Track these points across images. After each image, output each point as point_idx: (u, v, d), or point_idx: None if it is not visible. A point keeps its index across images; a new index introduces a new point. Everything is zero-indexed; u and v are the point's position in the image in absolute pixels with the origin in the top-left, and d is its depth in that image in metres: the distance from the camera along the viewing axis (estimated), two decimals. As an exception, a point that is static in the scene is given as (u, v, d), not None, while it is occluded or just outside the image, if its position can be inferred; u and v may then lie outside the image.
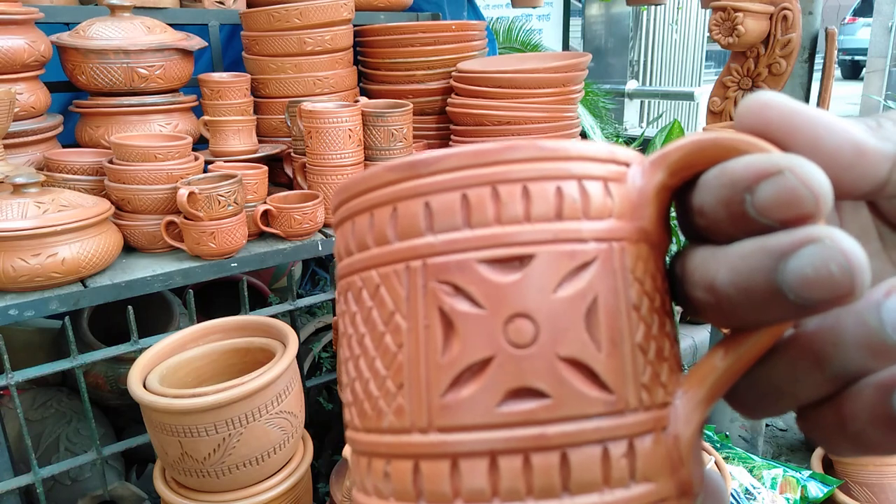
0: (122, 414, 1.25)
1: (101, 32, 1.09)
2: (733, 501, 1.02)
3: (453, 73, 1.30)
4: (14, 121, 1.01)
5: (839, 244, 0.14)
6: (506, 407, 0.16)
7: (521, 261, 0.16)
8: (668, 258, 0.19)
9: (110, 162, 1.02)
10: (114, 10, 1.11)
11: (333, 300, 1.06)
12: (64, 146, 1.15)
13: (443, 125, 1.37)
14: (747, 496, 1.06)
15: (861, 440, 0.16)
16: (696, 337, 2.08)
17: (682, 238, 0.19)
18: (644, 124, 3.90)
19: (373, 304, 0.17)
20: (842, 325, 0.15)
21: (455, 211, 0.16)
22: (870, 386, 0.15)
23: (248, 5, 1.27)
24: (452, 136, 1.32)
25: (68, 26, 1.15)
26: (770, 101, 0.17)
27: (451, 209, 0.16)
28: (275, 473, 0.90)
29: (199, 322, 0.97)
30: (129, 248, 1.03)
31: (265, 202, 1.08)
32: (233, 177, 1.01)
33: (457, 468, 0.16)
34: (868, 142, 0.16)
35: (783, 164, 0.15)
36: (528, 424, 0.16)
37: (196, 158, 1.06)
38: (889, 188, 0.17)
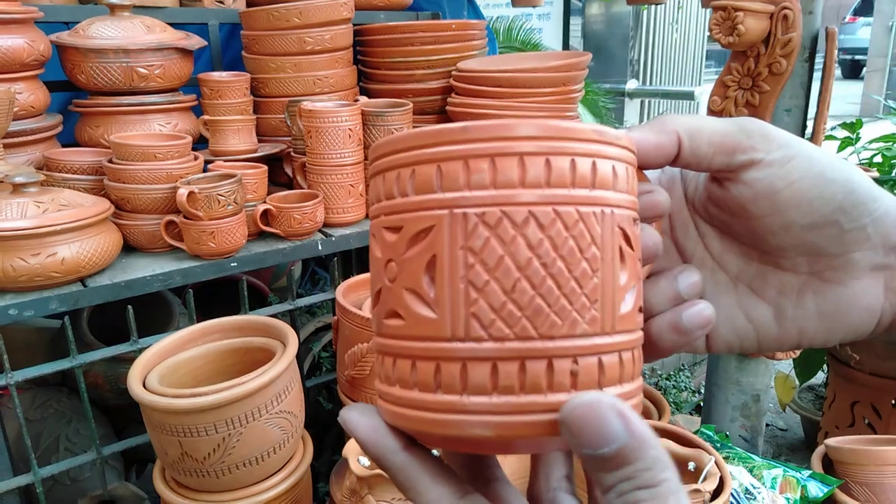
0: (121, 414, 1.25)
1: (100, 32, 1.09)
2: (733, 501, 1.01)
3: (453, 73, 1.30)
4: (13, 120, 1.01)
5: None
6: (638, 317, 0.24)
7: (637, 220, 0.24)
8: None
9: (110, 161, 1.02)
10: (113, 9, 1.11)
11: (333, 300, 1.05)
12: (63, 146, 1.15)
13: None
14: (747, 496, 1.05)
15: (661, 343, 0.26)
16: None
17: None
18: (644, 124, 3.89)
19: (569, 234, 0.22)
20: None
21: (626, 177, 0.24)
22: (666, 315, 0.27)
23: (248, 4, 1.27)
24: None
25: (68, 25, 1.15)
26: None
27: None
28: (274, 473, 0.90)
29: (198, 322, 0.97)
30: (129, 248, 1.03)
31: (265, 202, 1.08)
32: (232, 176, 1.00)
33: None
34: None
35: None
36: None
37: (196, 158, 1.06)
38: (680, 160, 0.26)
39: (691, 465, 0.90)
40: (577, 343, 0.21)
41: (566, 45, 2.57)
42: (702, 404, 1.72)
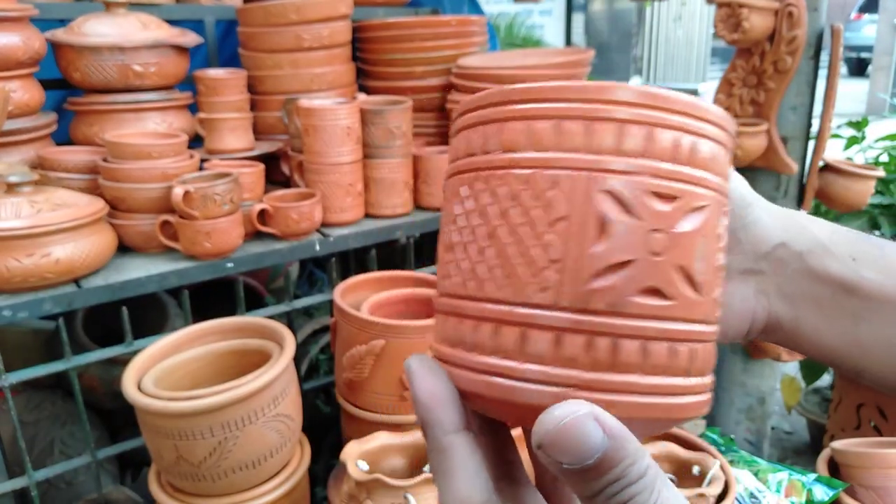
0: (117, 416, 1.24)
1: (95, 29, 1.08)
2: (738, 505, 1.00)
3: (453, 70, 1.28)
4: (8, 119, 1.00)
5: None
6: (638, 299, 0.20)
7: (672, 197, 0.21)
8: None
9: (105, 160, 1.01)
10: (109, 6, 1.10)
11: (331, 301, 1.04)
12: (58, 144, 1.14)
13: (442, 122, 1.35)
14: (752, 500, 1.04)
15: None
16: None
17: None
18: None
19: (555, 194, 0.21)
20: None
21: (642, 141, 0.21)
22: None
23: (245, 0, 1.25)
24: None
25: (63, 23, 1.13)
26: None
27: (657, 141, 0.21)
28: (272, 477, 0.89)
29: (194, 323, 0.96)
30: (124, 248, 1.02)
31: (261, 201, 1.07)
32: (229, 175, 0.99)
33: (593, 345, 0.20)
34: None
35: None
36: (655, 318, 0.21)
37: (191, 156, 1.05)
38: None
39: (696, 469, 0.89)
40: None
41: (568, 42, 2.56)
42: (705, 406, 1.71)
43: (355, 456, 0.87)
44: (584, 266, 0.20)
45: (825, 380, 1.76)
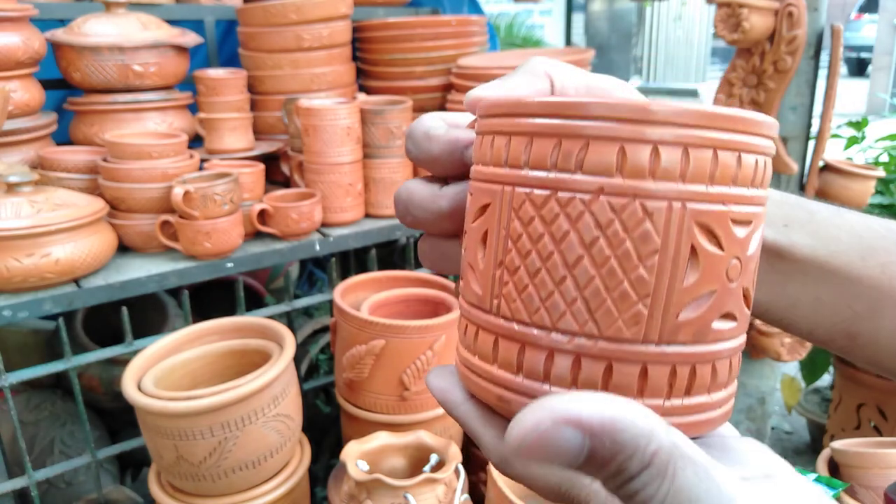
0: (117, 416, 1.24)
1: (95, 29, 1.08)
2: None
3: (453, 70, 1.28)
4: (8, 119, 1.00)
5: None
6: (716, 325, 0.21)
7: (748, 223, 0.21)
8: None
9: (105, 160, 1.01)
10: (109, 6, 1.10)
11: (331, 301, 1.04)
12: (58, 144, 1.14)
13: (443, 122, 1.35)
14: (752, 500, 1.04)
15: None
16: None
17: None
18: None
19: (649, 226, 0.20)
20: None
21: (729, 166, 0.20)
22: None
23: (245, 1, 1.25)
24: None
25: (63, 23, 1.13)
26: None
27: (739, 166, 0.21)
28: (272, 477, 0.89)
29: (194, 323, 0.96)
30: (124, 248, 1.02)
31: (261, 201, 1.06)
32: (229, 175, 0.99)
33: (675, 374, 0.21)
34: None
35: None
36: (725, 340, 0.21)
37: (191, 156, 1.05)
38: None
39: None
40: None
41: (568, 42, 2.56)
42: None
43: (355, 456, 0.87)
44: (675, 300, 0.20)
45: (825, 380, 1.76)
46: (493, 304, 0.22)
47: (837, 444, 1.20)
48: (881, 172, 1.34)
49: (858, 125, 1.75)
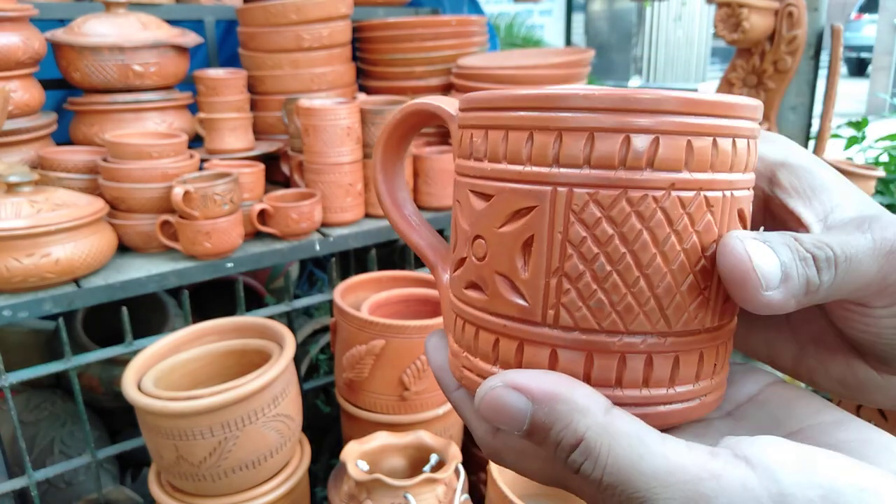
0: (117, 416, 1.24)
1: (95, 29, 1.08)
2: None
3: (453, 69, 1.28)
4: (8, 119, 1.00)
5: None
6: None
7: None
8: None
9: (105, 160, 1.01)
10: (109, 6, 1.10)
11: (331, 301, 1.04)
12: (58, 144, 1.14)
13: (443, 122, 1.35)
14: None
15: None
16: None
17: None
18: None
19: (710, 218, 0.20)
20: None
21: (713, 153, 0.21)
22: None
23: (245, 1, 1.25)
24: (453, 134, 1.30)
25: (63, 23, 1.13)
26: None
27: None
28: (272, 477, 0.89)
29: (194, 323, 0.96)
30: (124, 248, 1.02)
31: (261, 201, 1.06)
32: (228, 175, 0.99)
33: (718, 352, 0.22)
34: (750, 275, 0.19)
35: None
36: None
37: (191, 156, 1.05)
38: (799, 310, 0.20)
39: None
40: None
41: (568, 42, 2.56)
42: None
43: (355, 456, 0.87)
44: (721, 288, 0.21)
45: (825, 380, 1.76)
46: (549, 315, 0.20)
47: (837, 444, 1.20)
48: (881, 172, 1.34)
49: (858, 125, 1.75)
